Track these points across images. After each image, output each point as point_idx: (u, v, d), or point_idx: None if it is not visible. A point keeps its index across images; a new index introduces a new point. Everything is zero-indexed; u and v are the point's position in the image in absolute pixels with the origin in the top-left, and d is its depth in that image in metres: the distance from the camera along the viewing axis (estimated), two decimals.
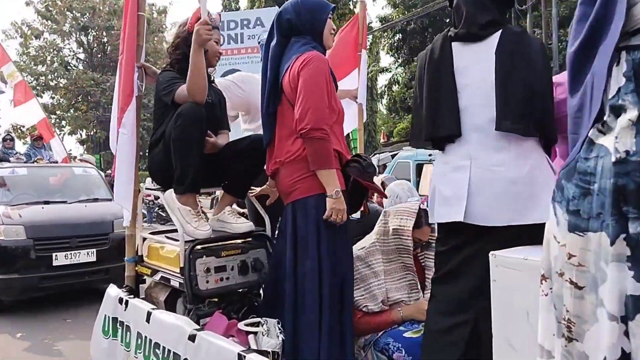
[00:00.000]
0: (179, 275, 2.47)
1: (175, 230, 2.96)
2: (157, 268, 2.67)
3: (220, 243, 2.63)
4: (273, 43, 2.46)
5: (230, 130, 2.93)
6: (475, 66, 1.96)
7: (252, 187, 2.87)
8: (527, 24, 15.57)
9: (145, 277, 2.85)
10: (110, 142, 3.05)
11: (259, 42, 3.32)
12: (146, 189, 2.98)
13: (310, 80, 2.25)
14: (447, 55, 2.00)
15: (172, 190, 2.56)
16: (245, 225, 2.66)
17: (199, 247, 2.50)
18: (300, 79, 2.26)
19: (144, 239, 2.84)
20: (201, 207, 2.73)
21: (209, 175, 2.66)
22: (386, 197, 2.53)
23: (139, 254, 2.83)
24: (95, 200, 6.64)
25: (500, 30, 1.93)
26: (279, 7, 2.65)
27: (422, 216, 2.55)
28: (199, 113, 2.46)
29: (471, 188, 1.92)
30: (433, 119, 2.01)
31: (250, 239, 2.75)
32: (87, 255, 5.77)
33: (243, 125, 3.27)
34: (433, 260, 2.61)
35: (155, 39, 30.12)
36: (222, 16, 6.26)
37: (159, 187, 2.80)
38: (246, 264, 2.60)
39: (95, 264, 5.82)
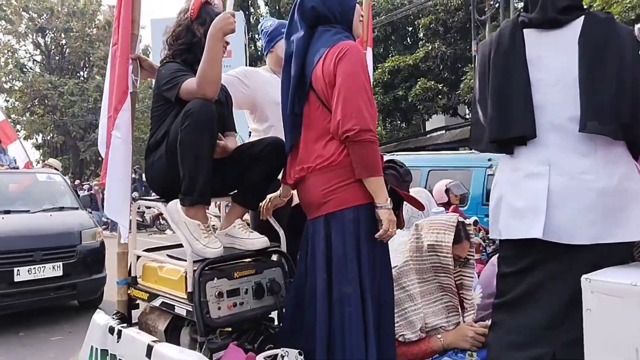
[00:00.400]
0: (185, 301, 2.07)
1: (175, 246, 2.57)
2: (156, 292, 2.26)
3: (231, 262, 2.25)
4: (297, 35, 2.10)
5: (236, 132, 2.56)
6: (553, 57, 1.66)
7: None
8: (486, 34, 15.76)
9: (139, 301, 2.43)
10: (99, 145, 2.62)
11: (261, 30, 2.94)
12: (140, 198, 2.56)
13: (352, 74, 1.92)
14: (518, 44, 1.69)
15: (176, 201, 2.17)
16: (260, 240, 2.28)
17: (207, 267, 2.11)
18: (339, 72, 1.92)
19: (138, 257, 2.42)
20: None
21: (217, 183, 2.27)
22: (423, 209, 2.22)
23: (132, 274, 2.41)
24: (61, 209, 6.07)
25: (583, 16, 1.64)
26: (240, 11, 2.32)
27: (461, 230, 2.24)
28: (210, 112, 2.08)
29: (551, 199, 1.62)
30: (502, 118, 1.70)
31: (263, 257, 2.37)
32: (52, 270, 5.22)
33: (251, 125, 2.89)
34: (471, 279, 2.31)
35: None
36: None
37: (157, 197, 2.41)
38: (262, 286, 2.22)
39: (62, 278, 5.27)
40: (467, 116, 21.83)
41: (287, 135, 2.14)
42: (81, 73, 29.42)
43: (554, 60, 1.66)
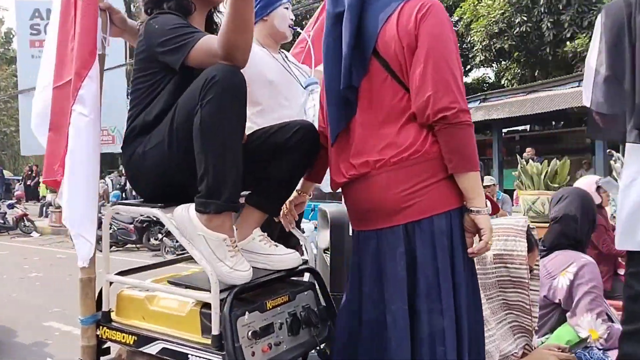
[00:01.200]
0: (208, 347, 1.44)
1: (156, 265, 1.91)
2: (148, 334, 1.58)
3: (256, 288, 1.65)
4: None
5: None
6: None
7: None
8: None
9: (109, 344, 1.73)
10: (35, 129, 1.86)
11: None
12: (118, 203, 1.83)
13: (441, 37, 1.45)
14: None
15: (187, 207, 1.52)
16: (291, 257, 1.71)
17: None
18: (423, 33, 1.44)
19: (111, 284, 1.72)
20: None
21: None
22: (497, 212, 1.81)
23: (104, 308, 1.70)
24: None
25: None
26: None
27: (530, 235, 1.87)
28: (242, 81, 1.49)
29: None
30: None
31: (289, 277, 1.80)
32: None
33: None
34: (537, 293, 1.95)
35: None
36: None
37: (140, 200, 1.72)
38: (297, 318, 1.65)
39: None
40: None
41: (333, 118, 1.60)
42: None
43: None
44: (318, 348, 1.69)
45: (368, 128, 1.54)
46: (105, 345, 1.73)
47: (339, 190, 1.71)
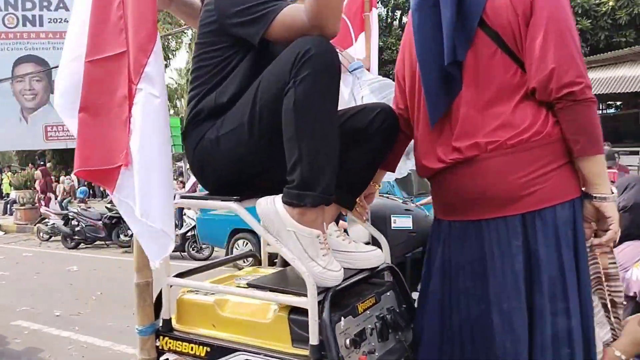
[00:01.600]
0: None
1: (212, 265, 1.72)
2: (225, 344, 1.38)
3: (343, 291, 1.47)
4: None
5: None
6: None
7: None
8: None
9: (167, 356, 1.53)
10: (58, 109, 1.61)
11: None
12: (182, 197, 1.61)
13: (560, 8, 1.31)
14: None
15: (272, 199, 1.34)
16: (375, 254, 1.53)
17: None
18: (541, 1, 1.29)
19: (171, 287, 1.51)
20: None
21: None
22: None
23: (164, 316, 1.50)
24: None
25: None
26: None
27: None
28: (336, 56, 1.31)
29: None
30: None
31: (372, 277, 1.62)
32: None
33: None
34: (615, 266, 1.82)
35: None
36: None
37: (207, 193, 1.52)
38: (385, 323, 1.48)
39: None
40: None
41: (434, 98, 1.43)
42: None
43: None
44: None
45: (474, 107, 1.37)
46: (163, 357, 1.53)
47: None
